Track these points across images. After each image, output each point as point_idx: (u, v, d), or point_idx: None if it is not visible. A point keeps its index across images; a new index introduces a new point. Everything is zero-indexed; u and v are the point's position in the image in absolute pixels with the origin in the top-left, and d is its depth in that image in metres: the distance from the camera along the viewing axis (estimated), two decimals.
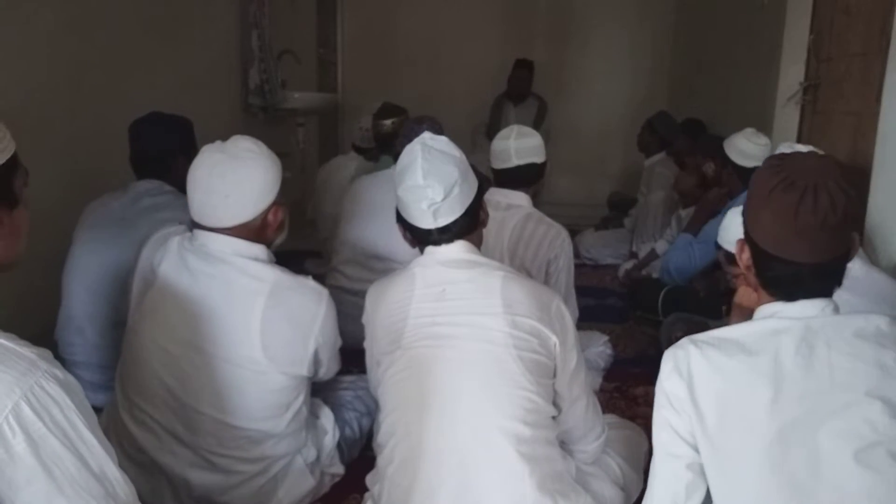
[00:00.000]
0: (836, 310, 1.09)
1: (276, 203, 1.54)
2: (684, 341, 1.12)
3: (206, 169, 1.47)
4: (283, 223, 1.59)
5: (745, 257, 1.14)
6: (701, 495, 1.10)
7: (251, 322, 1.47)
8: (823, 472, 0.98)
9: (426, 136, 1.43)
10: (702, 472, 1.09)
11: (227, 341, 1.48)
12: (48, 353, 0.92)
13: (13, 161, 1.00)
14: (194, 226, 1.53)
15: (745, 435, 1.03)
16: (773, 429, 1.01)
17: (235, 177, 1.47)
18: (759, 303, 1.14)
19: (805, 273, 1.06)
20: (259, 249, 1.53)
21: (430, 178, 1.34)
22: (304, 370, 1.57)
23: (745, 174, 2.73)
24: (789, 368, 1.02)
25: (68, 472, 0.86)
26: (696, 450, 1.08)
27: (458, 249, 1.42)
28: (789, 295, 1.09)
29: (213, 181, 1.47)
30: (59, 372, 0.91)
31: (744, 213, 1.15)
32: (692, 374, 1.07)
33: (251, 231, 1.52)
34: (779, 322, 1.07)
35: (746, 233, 1.13)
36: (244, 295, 1.49)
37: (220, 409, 1.50)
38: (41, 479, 0.84)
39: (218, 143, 1.52)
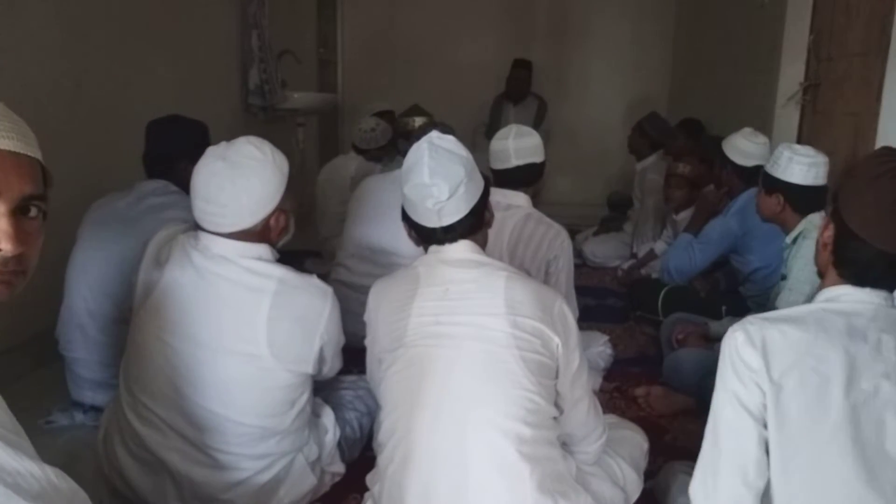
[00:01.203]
0: (894, 304, 1.15)
1: (279, 209, 1.53)
2: (750, 318, 1.15)
3: (206, 177, 1.46)
4: (287, 227, 1.58)
5: (826, 234, 1.19)
6: (766, 475, 1.12)
7: (257, 319, 1.48)
8: (888, 449, 1.05)
9: (433, 134, 1.43)
10: (767, 451, 1.11)
11: (232, 338, 1.48)
12: None
13: None
14: (197, 227, 1.54)
15: (820, 408, 1.07)
16: (848, 405, 1.06)
17: (233, 188, 1.45)
18: (824, 284, 1.20)
19: (881, 260, 1.12)
20: (262, 249, 1.53)
21: (436, 176, 1.34)
22: (309, 368, 1.57)
23: (745, 174, 2.73)
24: (862, 349, 1.08)
25: None
26: (764, 425, 1.11)
27: (462, 249, 1.42)
28: (858, 278, 1.14)
29: (210, 191, 1.46)
30: None
31: (838, 194, 1.19)
32: (766, 344, 1.11)
33: (253, 234, 1.52)
34: (846, 305, 1.14)
35: (835, 211, 1.17)
36: (250, 292, 1.49)
37: (225, 406, 1.50)
38: None
39: (222, 147, 1.50)
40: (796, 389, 1.08)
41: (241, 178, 1.45)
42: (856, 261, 1.14)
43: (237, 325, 1.48)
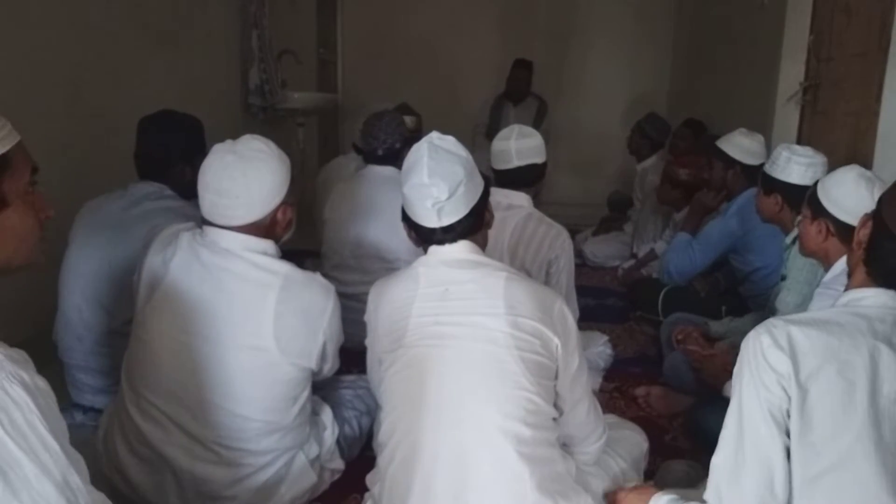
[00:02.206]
0: None
1: (285, 202, 1.57)
2: (773, 320, 1.15)
3: (217, 170, 1.49)
4: (292, 221, 1.62)
5: (863, 233, 1.19)
6: (789, 485, 1.11)
7: (264, 313, 1.50)
8: None
9: (434, 135, 1.43)
10: (789, 458, 1.11)
11: (239, 332, 1.50)
12: (21, 355, 0.89)
13: (5, 159, 0.96)
14: (204, 223, 1.56)
15: (845, 413, 1.07)
16: (872, 410, 1.07)
17: (245, 178, 1.49)
18: (851, 285, 1.20)
19: None
20: (268, 244, 1.56)
21: (435, 176, 1.35)
22: (312, 363, 1.60)
23: (752, 172, 2.71)
24: (884, 354, 1.08)
25: (25, 478, 0.83)
26: (786, 431, 1.11)
27: (461, 249, 1.42)
28: (887, 280, 1.15)
29: (223, 182, 1.49)
30: (27, 375, 0.87)
31: (883, 198, 1.18)
32: (794, 347, 1.10)
33: (261, 229, 1.54)
34: (870, 309, 1.13)
35: (877, 210, 1.16)
36: (257, 287, 1.51)
37: (230, 400, 1.52)
38: None
39: (228, 143, 1.54)
40: (822, 394, 1.08)
41: (252, 170, 1.49)
42: (888, 262, 1.13)
43: (244, 319, 1.51)
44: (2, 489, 0.81)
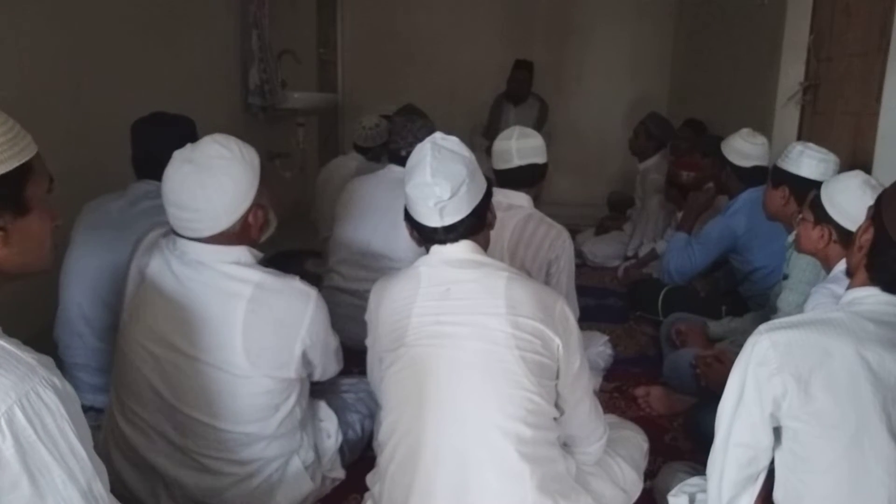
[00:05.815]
0: None
1: (255, 205, 1.49)
2: (774, 322, 1.17)
3: (176, 182, 1.42)
4: (267, 222, 1.55)
5: (864, 238, 1.19)
6: (766, 464, 1.19)
7: (233, 326, 1.45)
8: None
9: (437, 135, 1.44)
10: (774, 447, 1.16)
11: (209, 345, 1.45)
12: (50, 361, 0.91)
13: (27, 166, 0.98)
14: (175, 232, 1.50)
15: (850, 406, 1.09)
16: (878, 402, 1.08)
17: (205, 191, 1.41)
18: (852, 284, 1.22)
19: None
20: (240, 252, 1.49)
21: (437, 176, 1.35)
22: (290, 373, 1.54)
23: (744, 174, 2.73)
24: (886, 350, 1.10)
25: (53, 484, 0.84)
26: (778, 424, 1.15)
27: (463, 249, 1.42)
28: (888, 285, 1.16)
29: (182, 197, 1.42)
30: (58, 380, 0.89)
31: (881, 198, 1.18)
32: (792, 348, 1.12)
33: (231, 236, 1.48)
34: (871, 307, 1.15)
35: (878, 216, 1.17)
36: (226, 298, 1.46)
37: (205, 412, 1.48)
38: (24, 486, 0.82)
39: (188, 149, 1.45)
40: (825, 389, 1.10)
41: (210, 179, 1.41)
42: (888, 266, 1.14)
43: (213, 331, 1.46)
44: (30, 493, 0.83)
